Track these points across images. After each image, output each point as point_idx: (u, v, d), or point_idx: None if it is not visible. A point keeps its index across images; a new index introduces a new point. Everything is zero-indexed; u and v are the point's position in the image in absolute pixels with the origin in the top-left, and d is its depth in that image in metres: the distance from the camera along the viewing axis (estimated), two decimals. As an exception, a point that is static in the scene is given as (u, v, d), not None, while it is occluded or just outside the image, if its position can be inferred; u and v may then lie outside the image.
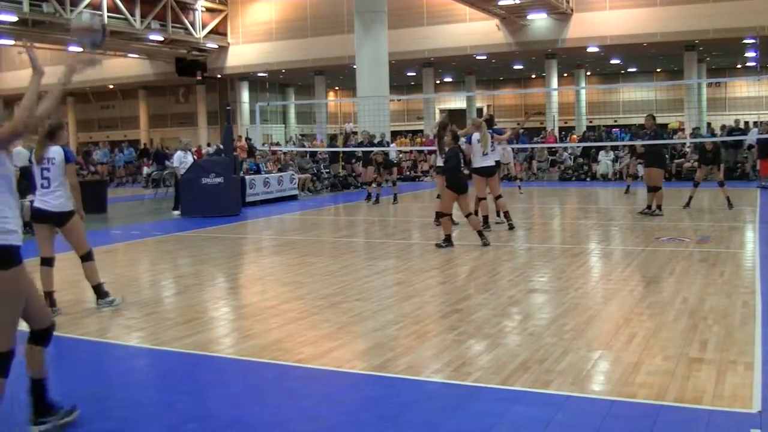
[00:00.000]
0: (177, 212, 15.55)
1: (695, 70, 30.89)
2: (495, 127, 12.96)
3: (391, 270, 8.47)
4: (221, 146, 18.55)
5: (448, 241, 9.88)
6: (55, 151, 6.28)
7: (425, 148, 24.05)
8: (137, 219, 15.40)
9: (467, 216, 10.11)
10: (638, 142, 14.22)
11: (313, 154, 23.64)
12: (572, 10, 28.83)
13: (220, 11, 35.45)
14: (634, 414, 3.96)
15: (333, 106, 46.52)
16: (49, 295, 6.45)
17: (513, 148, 19.83)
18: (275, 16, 34.85)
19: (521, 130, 17.07)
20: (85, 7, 27.66)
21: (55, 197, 6.37)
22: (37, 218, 6.51)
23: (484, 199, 11.47)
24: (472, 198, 11.19)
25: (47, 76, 3.73)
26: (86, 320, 6.45)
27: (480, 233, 10.02)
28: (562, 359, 4.86)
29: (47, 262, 6.56)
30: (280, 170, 19.78)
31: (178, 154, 16.35)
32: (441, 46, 31.06)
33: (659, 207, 12.88)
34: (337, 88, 47.81)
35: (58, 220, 6.47)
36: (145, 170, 25.80)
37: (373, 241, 11.39)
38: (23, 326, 3.78)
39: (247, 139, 25.40)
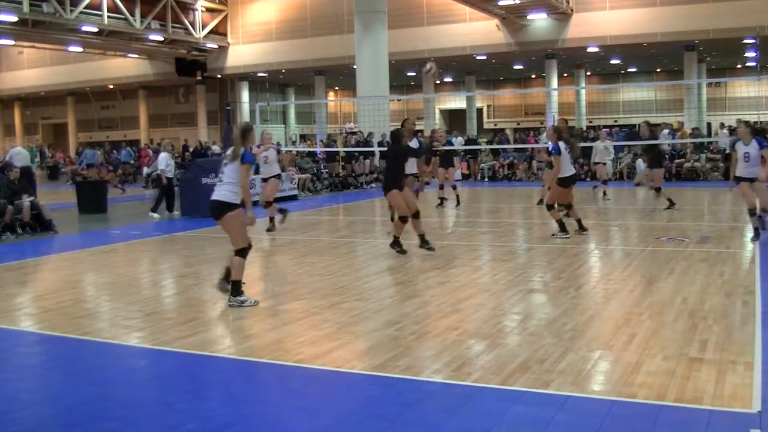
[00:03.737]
0: (156, 215, 15.34)
1: (695, 70, 30.86)
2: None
3: (391, 270, 8.46)
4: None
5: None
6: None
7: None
8: (137, 219, 15.39)
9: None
10: (636, 143, 14.20)
11: (312, 154, 23.62)
12: (572, 10, 28.82)
13: (220, 11, 35.42)
14: (634, 414, 3.97)
15: (333, 106, 46.51)
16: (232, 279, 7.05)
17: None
18: (275, 16, 34.83)
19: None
20: (85, 7, 27.65)
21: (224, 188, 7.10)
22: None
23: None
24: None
25: (48, 76, 3.73)
26: (86, 320, 6.45)
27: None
28: (562, 359, 4.86)
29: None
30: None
31: (163, 155, 16.05)
32: (441, 46, 31.01)
33: (670, 199, 13.21)
34: (337, 88, 47.79)
35: (215, 211, 7.10)
36: (145, 170, 25.75)
37: (373, 241, 11.38)
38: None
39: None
